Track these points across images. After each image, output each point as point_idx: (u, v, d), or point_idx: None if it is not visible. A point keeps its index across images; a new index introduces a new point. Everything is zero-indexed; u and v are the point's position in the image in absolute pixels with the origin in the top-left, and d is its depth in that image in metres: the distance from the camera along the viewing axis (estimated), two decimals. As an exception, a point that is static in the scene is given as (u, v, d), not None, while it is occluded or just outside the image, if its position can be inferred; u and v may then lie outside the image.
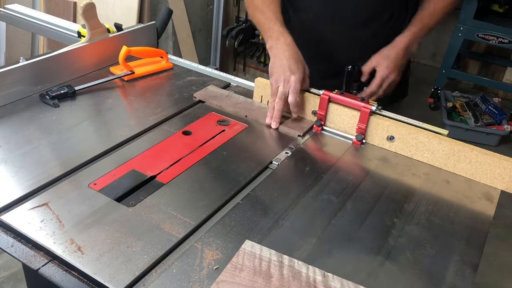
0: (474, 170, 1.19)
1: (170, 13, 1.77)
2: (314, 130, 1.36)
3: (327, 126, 1.36)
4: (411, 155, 1.26)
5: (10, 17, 1.86)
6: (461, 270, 0.93)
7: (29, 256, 0.90)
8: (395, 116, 1.27)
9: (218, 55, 3.98)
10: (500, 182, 1.17)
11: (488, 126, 3.61)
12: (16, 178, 1.06)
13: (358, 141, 1.30)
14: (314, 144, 1.31)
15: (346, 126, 1.33)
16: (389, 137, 1.27)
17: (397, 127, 1.25)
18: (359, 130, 1.30)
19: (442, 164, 1.22)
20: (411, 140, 1.24)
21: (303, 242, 0.96)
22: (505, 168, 1.15)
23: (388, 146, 1.29)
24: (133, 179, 1.09)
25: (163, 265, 0.88)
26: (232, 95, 1.46)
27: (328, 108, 1.33)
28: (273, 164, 1.19)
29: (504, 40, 3.81)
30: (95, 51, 1.54)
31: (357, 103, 1.28)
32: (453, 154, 1.20)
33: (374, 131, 1.29)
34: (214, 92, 1.48)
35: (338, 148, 1.30)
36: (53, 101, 1.34)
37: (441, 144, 1.21)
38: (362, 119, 1.28)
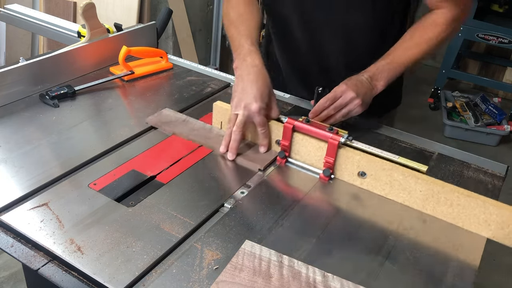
0: (456, 214, 1.03)
1: (170, 13, 1.77)
2: (277, 162, 1.20)
3: (292, 158, 1.20)
4: (385, 194, 1.10)
5: (10, 17, 1.86)
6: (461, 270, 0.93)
7: (29, 256, 0.90)
8: (367, 148, 1.13)
9: (218, 55, 3.98)
10: (486, 229, 1.01)
11: (488, 126, 3.61)
12: (16, 178, 1.06)
13: (326, 177, 1.14)
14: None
15: (312, 158, 1.17)
16: (360, 173, 1.12)
17: (368, 162, 1.10)
18: (327, 165, 1.14)
19: (420, 205, 1.07)
20: (385, 177, 1.09)
21: (303, 242, 0.96)
22: (491, 213, 0.99)
23: (360, 183, 1.13)
24: (133, 179, 1.09)
25: (163, 265, 0.88)
26: (188, 121, 1.30)
27: (292, 138, 1.17)
28: (224, 207, 1.05)
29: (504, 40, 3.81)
30: (95, 51, 1.54)
31: (324, 133, 1.12)
32: (432, 196, 1.04)
33: (343, 166, 1.13)
34: (168, 117, 1.32)
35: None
36: (53, 101, 1.34)
37: (418, 183, 1.05)
38: (330, 152, 1.12)
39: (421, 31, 1.28)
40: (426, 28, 1.28)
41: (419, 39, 1.27)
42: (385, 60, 1.26)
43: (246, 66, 1.23)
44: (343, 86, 1.21)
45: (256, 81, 1.19)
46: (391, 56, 1.27)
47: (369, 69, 1.25)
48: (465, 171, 1.23)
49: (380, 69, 1.25)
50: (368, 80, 1.24)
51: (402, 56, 1.26)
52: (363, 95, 1.21)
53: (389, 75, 1.25)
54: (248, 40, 1.28)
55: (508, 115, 3.75)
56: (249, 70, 1.21)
